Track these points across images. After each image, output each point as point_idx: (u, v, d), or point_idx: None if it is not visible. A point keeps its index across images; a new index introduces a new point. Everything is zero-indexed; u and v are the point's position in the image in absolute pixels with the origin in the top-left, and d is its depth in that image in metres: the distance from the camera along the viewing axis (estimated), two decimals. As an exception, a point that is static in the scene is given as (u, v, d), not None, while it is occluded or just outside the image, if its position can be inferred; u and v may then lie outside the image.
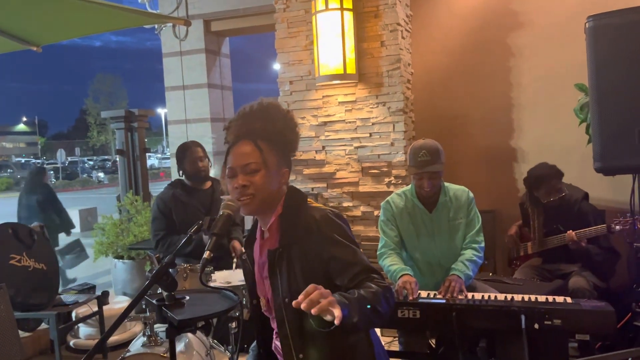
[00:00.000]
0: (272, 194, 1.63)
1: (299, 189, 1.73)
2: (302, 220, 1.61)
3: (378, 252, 3.02)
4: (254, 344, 1.85)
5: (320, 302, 1.30)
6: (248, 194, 1.59)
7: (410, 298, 2.62)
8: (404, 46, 4.22)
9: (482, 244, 2.91)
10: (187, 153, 3.66)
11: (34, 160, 45.04)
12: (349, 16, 4.00)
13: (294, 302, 1.32)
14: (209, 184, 3.75)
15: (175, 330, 1.79)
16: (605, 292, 3.33)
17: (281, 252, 1.60)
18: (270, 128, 1.63)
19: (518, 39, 4.33)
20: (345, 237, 1.60)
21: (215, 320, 3.42)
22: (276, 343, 1.74)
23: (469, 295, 2.64)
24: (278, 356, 1.75)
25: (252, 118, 1.64)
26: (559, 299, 2.52)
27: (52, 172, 32.11)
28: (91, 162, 40.58)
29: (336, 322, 1.28)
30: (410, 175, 3.00)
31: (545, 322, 2.38)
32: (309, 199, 1.70)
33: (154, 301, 1.87)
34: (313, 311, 1.28)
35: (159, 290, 2.95)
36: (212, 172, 3.97)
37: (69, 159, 38.75)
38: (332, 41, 3.97)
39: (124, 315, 1.51)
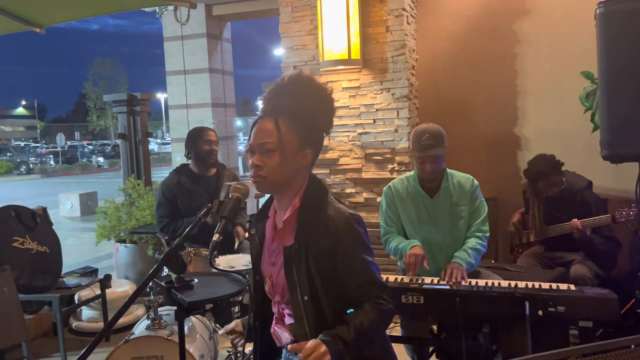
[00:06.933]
0: (287, 176, 1.60)
1: (321, 181, 1.69)
2: (321, 218, 1.58)
3: (382, 239, 3.03)
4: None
5: None
6: (259, 175, 1.58)
7: (410, 273, 2.67)
8: (409, 32, 4.19)
9: (487, 234, 2.91)
10: (203, 134, 3.66)
11: (33, 144, 44.90)
12: (354, 0, 3.95)
13: (289, 347, 1.47)
14: (214, 170, 3.75)
15: (185, 312, 1.80)
16: (607, 280, 3.34)
17: (297, 249, 1.58)
18: (296, 106, 1.57)
19: (524, 25, 4.29)
20: (362, 246, 1.59)
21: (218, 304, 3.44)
22: (275, 329, 1.74)
23: (473, 281, 2.65)
24: (276, 341, 1.75)
25: (282, 93, 1.59)
26: (563, 286, 2.53)
27: (51, 156, 32.08)
28: (90, 147, 40.45)
29: None
30: (412, 158, 3.00)
31: (549, 309, 2.39)
32: (330, 196, 1.66)
33: (162, 283, 1.87)
34: None
35: (164, 273, 2.96)
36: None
37: (69, 143, 38.61)
38: (337, 26, 3.94)
39: (133, 297, 1.51)
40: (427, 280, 2.70)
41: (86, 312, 4.33)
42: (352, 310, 1.57)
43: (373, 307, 1.52)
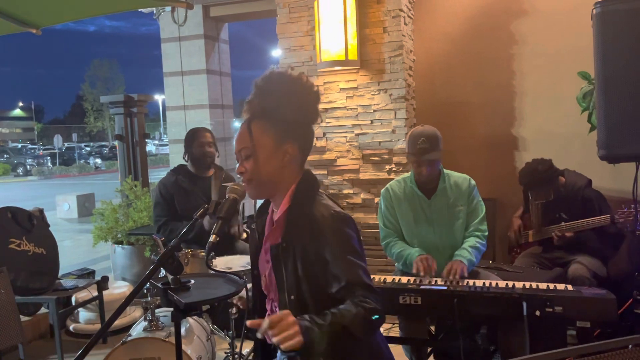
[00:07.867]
0: (271, 175, 1.60)
1: (313, 177, 1.68)
2: (308, 217, 1.57)
3: (383, 243, 3.03)
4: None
5: (282, 333, 1.34)
6: (246, 180, 1.63)
7: (424, 274, 2.68)
8: (406, 32, 4.19)
9: (486, 233, 2.92)
10: (197, 136, 3.67)
11: (30, 146, 44.80)
12: (351, 1, 3.96)
13: (248, 322, 1.40)
14: (211, 171, 3.75)
15: (181, 313, 1.79)
16: (605, 281, 3.34)
17: (284, 247, 1.58)
18: (264, 105, 1.59)
19: (521, 25, 4.30)
20: (347, 247, 1.55)
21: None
22: None
23: (471, 282, 2.65)
24: (267, 339, 1.75)
25: (254, 95, 1.61)
26: (560, 286, 2.53)
27: (48, 157, 32.03)
28: (88, 148, 40.36)
29: (285, 346, 1.34)
30: (409, 161, 3.01)
31: (547, 309, 2.38)
32: (321, 193, 1.66)
33: (159, 285, 1.86)
34: (274, 340, 1.34)
35: (161, 275, 2.95)
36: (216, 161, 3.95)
37: (66, 144, 38.50)
38: (334, 27, 3.93)
39: (129, 299, 1.50)
40: (425, 280, 2.69)
41: (83, 314, 4.31)
42: None
43: (356, 303, 1.47)
